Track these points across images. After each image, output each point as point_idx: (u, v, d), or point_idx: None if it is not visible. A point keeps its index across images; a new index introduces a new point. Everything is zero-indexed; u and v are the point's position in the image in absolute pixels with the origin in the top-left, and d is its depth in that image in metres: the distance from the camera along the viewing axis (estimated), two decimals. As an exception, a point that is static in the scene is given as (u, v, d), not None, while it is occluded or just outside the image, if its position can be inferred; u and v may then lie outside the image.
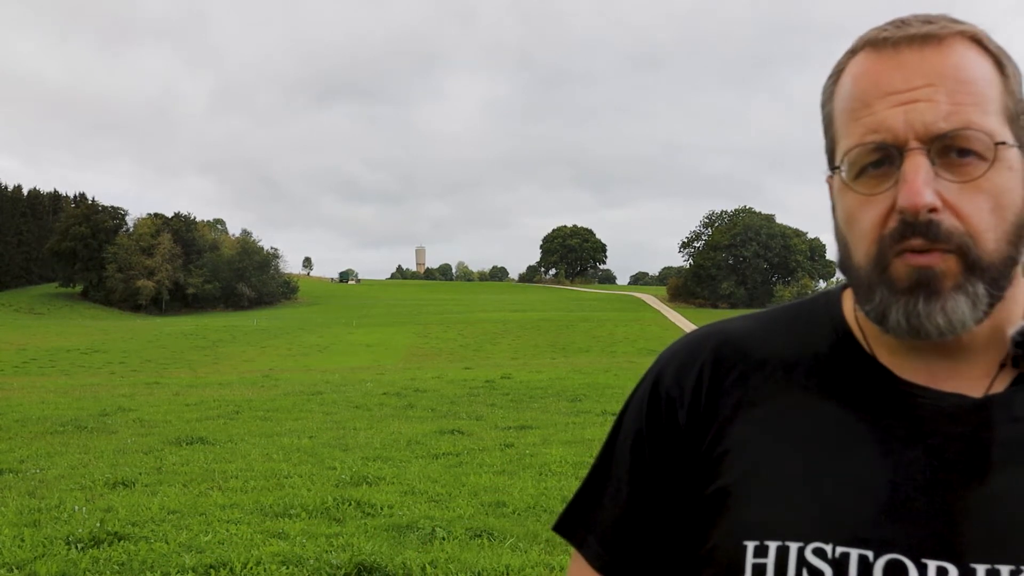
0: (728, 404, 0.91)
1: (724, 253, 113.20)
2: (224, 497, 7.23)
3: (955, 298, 0.79)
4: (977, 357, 0.85)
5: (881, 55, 0.83)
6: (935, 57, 0.81)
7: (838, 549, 0.79)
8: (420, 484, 7.78)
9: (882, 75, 0.82)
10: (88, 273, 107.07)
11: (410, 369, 29.13)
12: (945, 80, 0.80)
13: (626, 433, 0.97)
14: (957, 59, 0.81)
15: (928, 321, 0.79)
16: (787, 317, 0.97)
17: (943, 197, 0.79)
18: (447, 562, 5.28)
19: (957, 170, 0.79)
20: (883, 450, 0.83)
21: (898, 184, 0.79)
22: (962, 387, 0.84)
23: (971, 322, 0.80)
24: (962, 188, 0.79)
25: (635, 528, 0.95)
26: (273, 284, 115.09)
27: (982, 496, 0.79)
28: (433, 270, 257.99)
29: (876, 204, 0.81)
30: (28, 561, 5.33)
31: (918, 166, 0.78)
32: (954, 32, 0.82)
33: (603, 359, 34.46)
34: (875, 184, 0.81)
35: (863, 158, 0.82)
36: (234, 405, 15.17)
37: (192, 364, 37.60)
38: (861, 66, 0.84)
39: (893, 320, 0.81)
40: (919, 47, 0.81)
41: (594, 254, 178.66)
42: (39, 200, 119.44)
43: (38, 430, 11.89)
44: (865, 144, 0.81)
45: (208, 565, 5.21)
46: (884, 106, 0.81)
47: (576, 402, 15.09)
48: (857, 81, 0.84)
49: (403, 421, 12.81)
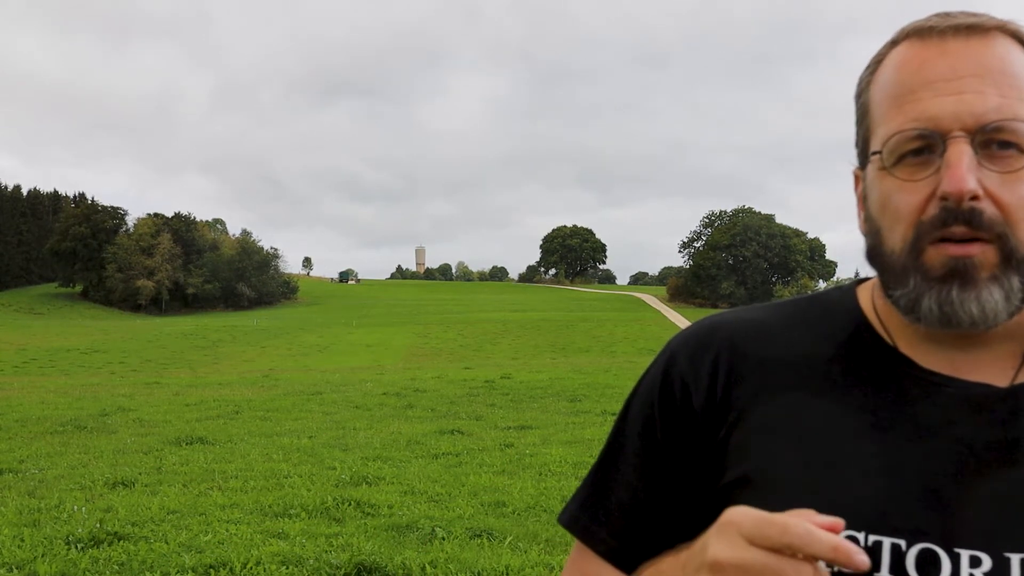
0: (746, 393, 0.89)
1: (724, 253, 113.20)
2: (224, 497, 7.23)
3: (990, 288, 0.79)
4: (999, 349, 0.85)
5: (926, 44, 0.83)
6: (981, 48, 0.81)
7: (871, 538, 0.79)
8: (420, 484, 7.78)
9: (927, 63, 0.82)
10: (88, 273, 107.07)
11: (410, 369, 29.12)
12: (992, 72, 0.80)
13: (635, 419, 0.95)
14: (1003, 52, 0.81)
15: (962, 310, 0.79)
16: (800, 309, 0.96)
17: (984, 186, 0.79)
18: (447, 562, 5.28)
19: (999, 161, 0.79)
20: (910, 438, 0.82)
21: (941, 171, 0.79)
22: (986, 377, 0.84)
23: (1004, 314, 0.80)
24: (1003, 179, 0.79)
25: (644, 514, 0.93)
26: (273, 284, 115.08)
27: (1013, 485, 0.79)
28: (433, 270, 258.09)
29: (915, 190, 0.81)
30: (28, 561, 5.33)
31: (962, 153, 0.78)
32: (996, 25, 0.83)
33: (603, 359, 34.44)
34: (915, 171, 0.81)
35: (904, 145, 0.82)
36: (234, 405, 15.17)
37: (192, 364, 37.58)
38: (904, 54, 0.84)
39: (926, 307, 0.81)
40: (965, 37, 0.82)
41: (594, 254, 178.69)
42: (39, 200, 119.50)
43: (38, 430, 11.89)
44: (907, 131, 0.81)
45: (208, 565, 5.21)
46: (930, 94, 0.80)
47: (576, 402, 15.09)
48: (900, 69, 0.84)
49: (403, 421, 12.81)
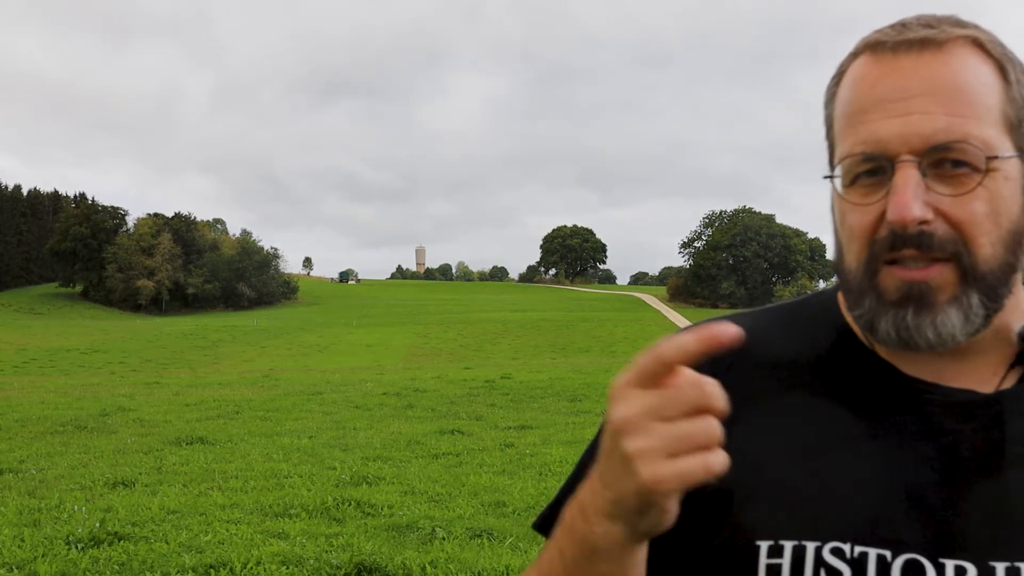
0: (729, 402, 0.86)
1: (724, 253, 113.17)
2: (224, 497, 7.23)
3: (947, 311, 0.78)
4: (983, 356, 0.84)
5: (879, 60, 0.81)
6: (933, 64, 0.79)
7: (856, 548, 0.78)
8: (420, 484, 7.78)
9: (877, 82, 0.80)
10: (88, 273, 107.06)
11: (410, 369, 29.12)
12: (942, 89, 0.78)
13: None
14: (957, 65, 0.79)
15: (918, 334, 0.78)
16: (782, 316, 0.95)
17: (936, 207, 0.77)
18: (447, 562, 5.28)
19: (950, 182, 0.78)
20: (895, 447, 0.82)
21: (889, 195, 0.78)
22: (970, 383, 0.83)
23: (961, 336, 0.79)
24: (956, 200, 0.78)
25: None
26: (273, 284, 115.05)
27: (998, 493, 0.79)
28: (433, 270, 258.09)
29: (868, 212, 0.80)
30: (28, 561, 5.33)
31: (908, 179, 0.77)
32: (954, 36, 0.80)
33: (603, 359, 34.43)
34: (867, 193, 0.80)
35: (856, 167, 0.81)
36: (234, 405, 15.17)
37: (192, 364, 37.57)
38: (859, 71, 0.83)
39: (883, 331, 0.80)
40: (917, 52, 0.79)
41: (594, 254, 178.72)
42: (39, 200, 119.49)
43: (38, 430, 11.89)
44: (855, 155, 0.80)
45: (208, 565, 5.21)
46: (878, 116, 0.79)
47: (576, 402, 15.09)
48: (854, 87, 0.83)
49: (403, 421, 12.82)
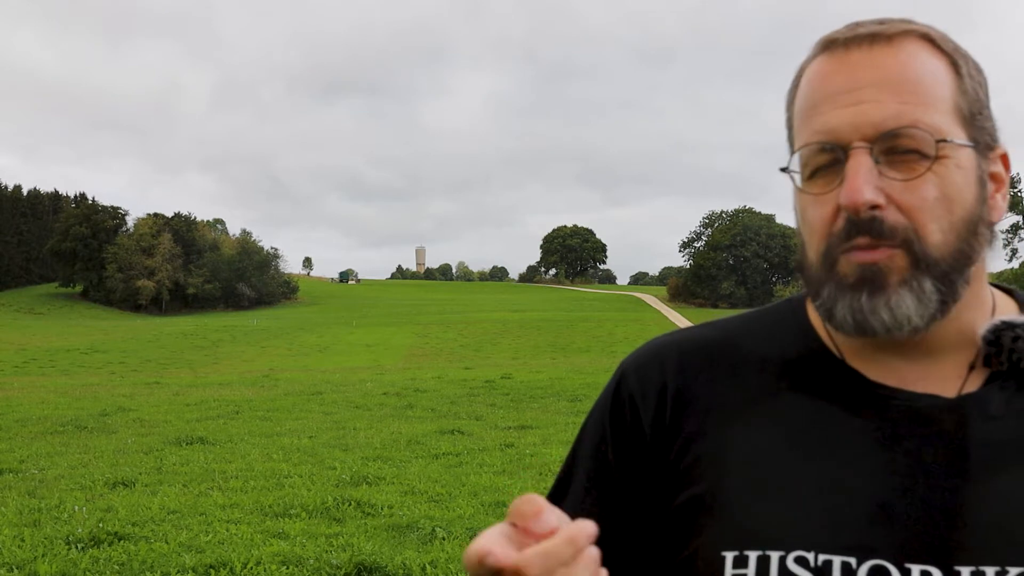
0: (696, 411, 0.89)
1: (724, 253, 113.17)
2: (224, 497, 7.23)
3: (900, 293, 0.79)
4: (946, 358, 0.85)
5: (832, 57, 0.83)
6: (883, 56, 0.81)
7: (820, 557, 0.78)
8: (420, 484, 7.79)
9: (830, 76, 0.82)
10: (88, 273, 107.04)
11: (410, 369, 29.13)
12: (892, 79, 0.80)
13: (588, 439, 0.95)
14: (906, 57, 0.81)
15: (872, 316, 0.79)
16: (751, 324, 0.96)
17: (887, 194, 0.79)
18: (447, 562, 5.29)
19: (901, 167, 0.79)
20: (859, 453, 0.82)
21: (842, 182, 0.80)
22: (934, 388, 0.84)
23: (917, 318, 0.79)
24: (906, 184, 0.79)
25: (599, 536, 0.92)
26: (273, 284, 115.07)
27: (962, 497, 0.79)
28: (433, 270, 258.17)
29: (825, 203, 0.82)
30: (28, 561, 5.33)
31: (859, 164, 0.78)
32: (904, 31, 0.82)
33: (603, 359, 34.41)
34: (824, 184, 0.82)
35: (812, 159, 0.82)
36: (234, 405, 15.19)
37: (192, 364, 37.57)
38: (814, 69, 0.85)
39: (840, 315, 0.81)
40: (868, 47, 0.81)
41: (594, 254, 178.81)
42: (39, 200, 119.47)
43: (38, 430, 11.90)
44: (811, 145, 0.82)
45: (208, 565, 5.21)
46: (831, 107, 0.81)
47: (576, 402, 15.09)
48: (810, 84, 0.84)
49: (403, 421, 12.83)
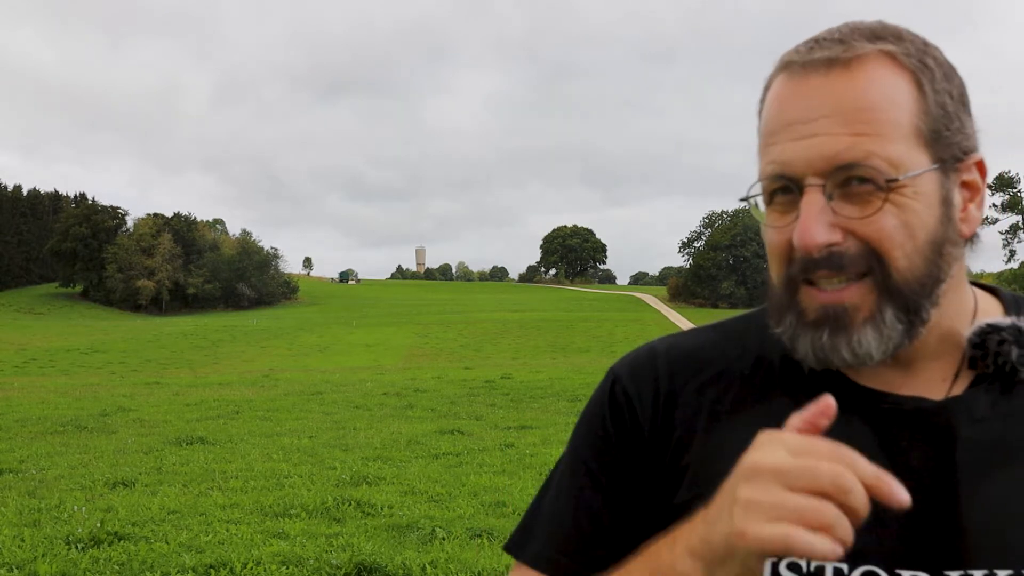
0: (686, 416, 0.89)
1: (724, 253, 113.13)
2: (224, 497, 7.23)
3: (863, 331, 0.78)
4: (932, 362, 0.84)
5: (791, 80, 0.81)
6: (839, 83, 0.78)
7: (812, 562, 0.78)
8: (420, 484, 7.78)
9: (786, 103, 0.81)
10: (88, 273, 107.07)
11: (410, 369, 29.13)
12: (847, 109, 0.78)
13: (582, 443, 0.96)
14: (864, 83, 0.78)
15: (834, 354, 0.79)
16: (736, 329, 0.96)
17: (845, 228, 0.78)
18: (447, 562, 5.28)
19: (857, 200, 0.78)
20: None
21: (797, 217, 0.79)
22: (920, 391, 0.83)
23: (877, 354, 0.79)
24: (863, 216, 0.78)
25: (595, 536, 0.92)
26: (273, 284, 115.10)
27: (951, 502, 0.79)
28: (433, 270, 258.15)
29: (783, 232, 0.81)
30: (28, 561, 5.33)
31: (811, 205, 0.78)
32: (864, 53, 0.79)
33: (603, 359, 34.41)
34: (781, 214, 0.82)
35: (769, 185, 0.82)
36: (234, 405, 15.19)
37: (192, 364, 37.56)
38: (775, 90, 0.83)
39: (802, 350, 0.81)
40: (825, 72, 0.79)
41: (594, 254, 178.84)
42: (39, 200, 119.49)
43: (38, 430, 11.90)
44: (768, 176, 0.81)
45: (208, 565, 5.21)
46: (786, 137, 0.80)
47: (576, 402, 15.08)
48: (769, 106, 0.83)
49: (403, 421, 12.83)
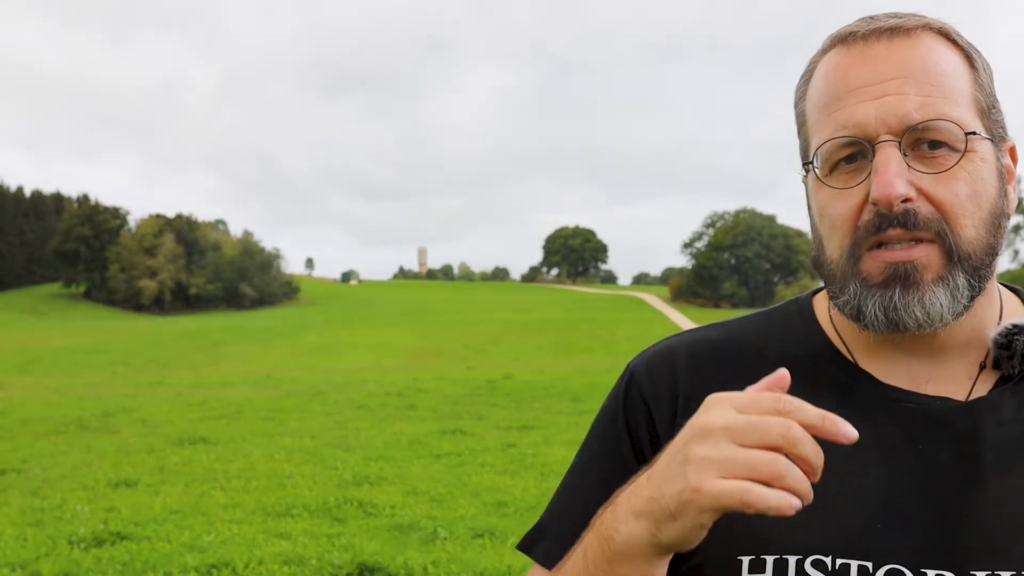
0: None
1: (726, 253, 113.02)
2: (226, 497, 7.24)
3: (934, 290, 0.79)
4: (956, 359, 0.85)
5: (851, 50, 0.83)
6: (903, 49, 0.81)
7: (838, 561, 0.78)
8: (422, 484, 7.79)
9: (851, 69, 0.82)
10: (91, 273, 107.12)
11: (412, 369, 29.11)
12: (914, 72, 0.79)
13: (601, 440, 0.94)
14: (925, 51, 0.81)
15: (906, 313, 0.79)
16: (759, 325, 0.95)
17: (918, 186, 0.78)
18: (449, 562, 5.29)
19: (929, 161, 0.79)
20: (874, 457, 0.81)
21: (871, 176, 0.79)
22: (945, 390, 0.84)
23: (949, 315, 0.79)
24: (936, 178, 0.79)
25: None
26: (275, 284, 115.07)
27: (977, 501, 0.79)
28: (435, 270, 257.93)
29: (849, 197, 0.81)
30: (31, 560, 5.35)
31: (889, 158, 0.78)
32: (922, 25, 0.82)
33: (605, 359, 34.37)
34: (848, 179, 0.81)
35: (835, 153, 0.82)
36: (236, 405, 15.20)
37: (194, 364, 37.57)
38: (831, 63, 0.84)
39: (871, 313, 0.80)
40: (887, 40, 0.81)
41: (596, 254, 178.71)
42: (41, 200, 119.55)
43: (41, 430, 11.91)
44: (836, 139, 0.81)
45: (210, 565, 5.22)
46: (855, 100, 0.80)
47: (578, 402, 15.07)
48: (828, 77, 0.84)
49: (405, 421, 12.83)
